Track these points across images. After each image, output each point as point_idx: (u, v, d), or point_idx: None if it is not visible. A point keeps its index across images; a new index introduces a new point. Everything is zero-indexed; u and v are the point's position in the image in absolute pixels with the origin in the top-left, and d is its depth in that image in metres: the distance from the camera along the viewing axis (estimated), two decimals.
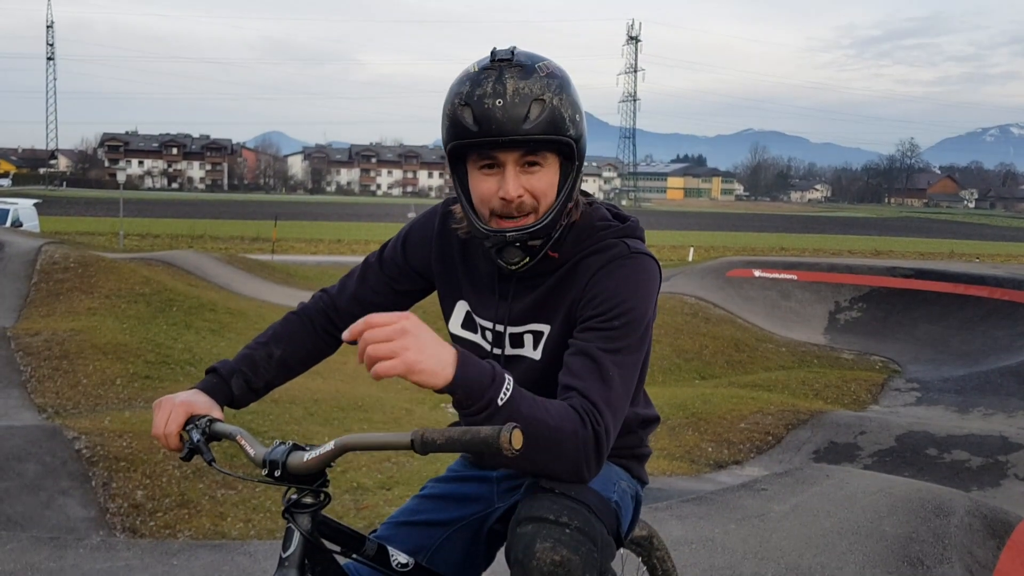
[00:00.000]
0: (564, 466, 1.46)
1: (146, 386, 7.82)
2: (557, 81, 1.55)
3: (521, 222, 1.58)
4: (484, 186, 1.58)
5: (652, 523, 2.65)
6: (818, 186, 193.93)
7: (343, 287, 1.89)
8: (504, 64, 1.53)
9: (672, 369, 10.78)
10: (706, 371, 10.94)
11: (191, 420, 1.63)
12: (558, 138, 1.54)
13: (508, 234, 1.59)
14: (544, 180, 1.58)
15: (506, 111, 1.50)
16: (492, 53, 1.56)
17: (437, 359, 1.35)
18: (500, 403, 1.39)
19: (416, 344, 1.33)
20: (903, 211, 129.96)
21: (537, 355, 1.68)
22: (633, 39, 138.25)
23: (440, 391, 1.38)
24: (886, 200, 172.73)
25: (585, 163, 1.67)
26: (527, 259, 1.61)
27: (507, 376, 1.43)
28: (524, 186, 1.57)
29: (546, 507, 1.47)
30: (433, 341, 1.36)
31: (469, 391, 1.38)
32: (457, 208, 1.72)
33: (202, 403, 1.68)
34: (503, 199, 1.56)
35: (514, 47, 1.58)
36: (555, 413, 1.45)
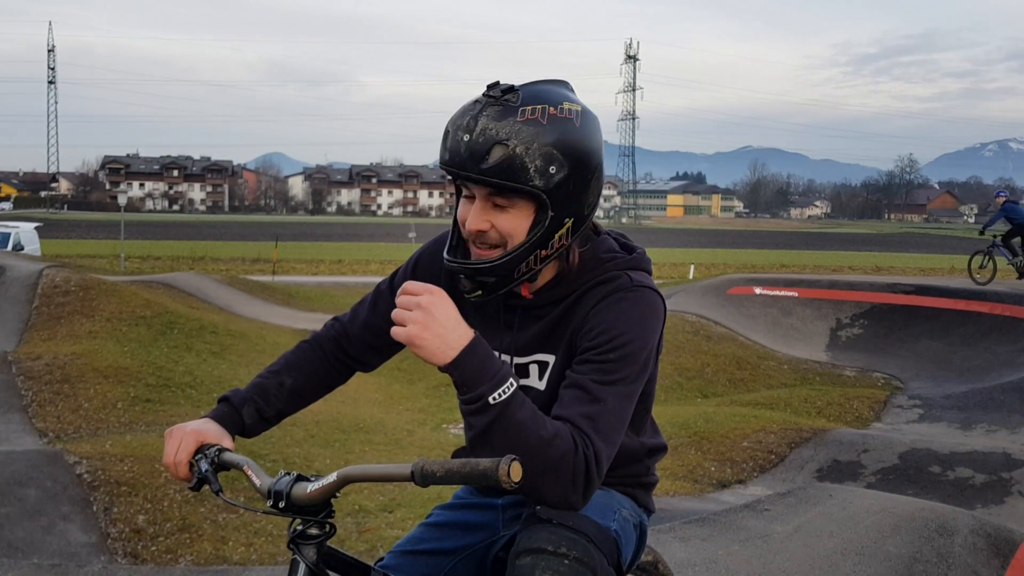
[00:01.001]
0: (553, 486, 1.47)
1: (147, 410, 7.82)
2: (534, 129, 1.48)
3: (486, 253, 1.58)
4: (462, 211, 1.61)
5: (656, 545, 2.64)
6: (817, 202, 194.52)
7: (355, 315, 1.88)
8: (491, 99, 1.51)
9: (674, 387, 10.76)
10: (708, 389, 10.91)
11: (201, 449, 1.63)
12: (516, 186, 1.50)
13: (449, 265, 1.62)
14: (511, 221, 1.55)
15: (469, 148, 1.49)
16: (488, 86, 1.54)
17: (440, 340, 1.43)
18: (492, 402, 1.44)
19: (424, 320, 1.43)
20: (903, 227, 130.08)
21: (542, 385, 1.69)
22: (631, 58, 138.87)
23: (441, 370, 1.45)
24: (886, 216, 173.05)
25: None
26: (479, 291, 1.61)
27: (511, 380, 1.46)
28: (492, 221, 1.55)
29: (544, 538, 1.47)
30: (446, 321, 1.44)
31: (464, 380, 1.45)
32: None
33: (213, 432, 1.68)
34: (468, 229, 1.58)
35: (517, 84, 1.54)
36: (551, 430, 1.46)
